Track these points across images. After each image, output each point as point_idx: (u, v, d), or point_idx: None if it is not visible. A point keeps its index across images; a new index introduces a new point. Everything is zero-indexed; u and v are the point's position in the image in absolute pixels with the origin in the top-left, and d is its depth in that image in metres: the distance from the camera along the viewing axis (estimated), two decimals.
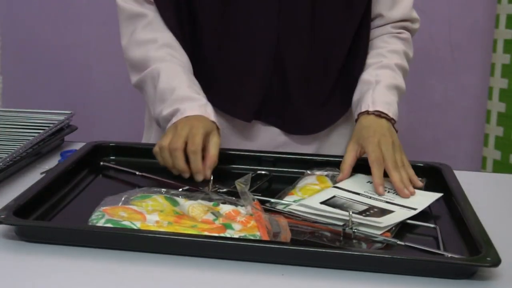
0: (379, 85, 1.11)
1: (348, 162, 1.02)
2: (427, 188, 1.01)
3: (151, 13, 1.14)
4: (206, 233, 0.80)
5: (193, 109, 1.05)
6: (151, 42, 1.12)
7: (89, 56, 2.32)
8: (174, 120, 1.05)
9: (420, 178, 1.01)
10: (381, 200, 0.93)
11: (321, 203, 0.90)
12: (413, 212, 0.89)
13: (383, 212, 0.88)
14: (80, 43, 2.31)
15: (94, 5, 2.26)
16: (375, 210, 0.89)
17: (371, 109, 1.07)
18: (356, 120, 1.09)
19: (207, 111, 1.06)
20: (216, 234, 0.80)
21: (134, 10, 1.14)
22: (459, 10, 2.23)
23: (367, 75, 1.14)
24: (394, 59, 1.16)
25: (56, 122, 1.21)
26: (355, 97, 1.15)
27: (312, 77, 1.16)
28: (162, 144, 1.02)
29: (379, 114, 1.07)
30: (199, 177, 1.01)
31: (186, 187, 0.98)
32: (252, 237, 0.80)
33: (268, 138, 1.18)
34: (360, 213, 0.87)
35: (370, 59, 1.17)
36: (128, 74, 1.16)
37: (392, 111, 1.09)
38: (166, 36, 1.13)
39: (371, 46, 1.19)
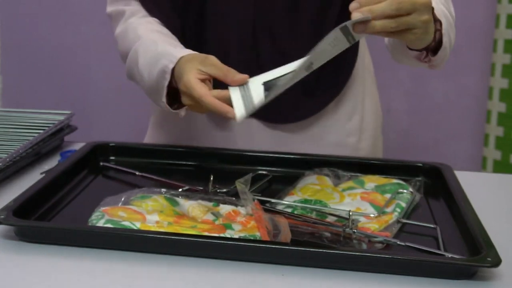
0: None
1: None
2: (427, 188, 1.01)
3: (131, 7, 1.13)
4: (206, 233, 0.80)
5: (172, 61, 0.96)
6: (132, 29, 1.10)
7: (88, 56, 2.32)
8: (165, 82, 0.97)
9: (418, 178, 1.01)
10: None
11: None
12: None
13: None
14: (80, 43, 2.31)
15: (94, 5, 2.26)
16: None
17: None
18: None
19: (182, 51, 0.98)
20: (216, 234, 0.80)
21: (118, 9, 1.15)
22: (459, 10, 2.22)
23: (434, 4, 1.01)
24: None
25: (56, 122, 1.21)
26: None
27: (294, 48, 1.10)
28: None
29: None
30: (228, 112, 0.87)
31: (186, 187, 0.98)
32: (252, 237, 0.80)
33: (252, 132, 1.16)
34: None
35: None
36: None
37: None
38: (146, 20, 1.11)
39: None
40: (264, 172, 1.06)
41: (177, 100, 1.01)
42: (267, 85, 0.87)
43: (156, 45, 1.03)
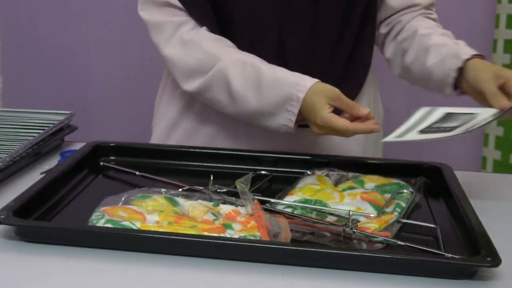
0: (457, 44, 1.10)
1: (494, 90, 0.98)
2: (427, 188, 1.01)
3: (176, 18, 1.12)
4: (206, 233, 0.80)
5: (301, 90, 1.02)
6: (194, 43, 1.09)
7: (88, 56, 2.32)
8: (292, 109, 1.02)
9: (418, 178, 1.01)
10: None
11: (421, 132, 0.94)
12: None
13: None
14: (80, 43, 2.31)
15: (94, 5, 2.26)
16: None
17: (474, 52, 1.06)
18: (460, 70, 1.05)
19: (305, 79, 1.04)
20: (216, 234, 0.80)
21: (163, 20, 1.12)
22: (459, 10, 2.23)
23: (438, 39, 1.12)
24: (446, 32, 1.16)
25: (56, 122, 1.21)
26: (432, 60, 1.10)
27: (315, 67, 1.15)
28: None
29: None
30: (374, 126, 0.99)
31: (186, 187, 0.98)
32: (252, 237, 0.80)
33: (272, 133, 1.17)
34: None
35: (422, 30, 1.15)
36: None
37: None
38: (202, 33, 1.11)
39: (407, 28, 1.19)
40: (264, 172, 1.06)
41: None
42: (423, 131, 0.96)
43: (259, 69, 1.05)
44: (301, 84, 1.02)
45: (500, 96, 0.98)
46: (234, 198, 0.91)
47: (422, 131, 0.96)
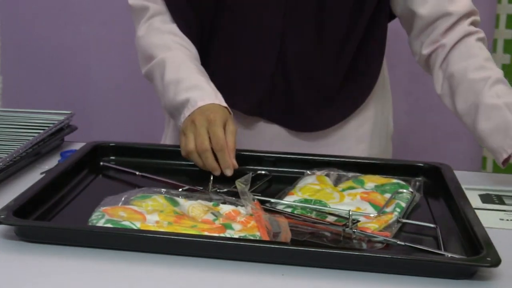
0: None
1: None
2: (427, 187, 1.01)
3: (156, 6, 1.15)
4: (206, 233, 0.80)
5: (204, 99, 1.04)
6: (158, 32, 1.14)
7: (88, 56, 2.32)
8: (186, 112, 1.04)
9: (418, 178, 1.01)
10: None
11: None
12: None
13: None
14: (80, 43, 2.31)
15: (94, 5, 2.26)
16: None
17: None
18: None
19: (218, 97, 1.05)
20: (216, 234, 0.80)
21: (142, 4, 1.16)
22: None
23: (489, 99, 1.04)
24: (496, 70, 1.08)
25: (56, 122, 1.21)
26: (484, 125, 1.05)
27: (317, 74, 1.15)
28: (189, 148, 1.01)
29: None
30: (229, 172, 1.00)
31: (186, 187, 0.98)
32: (252, 237, 0.80)
33: (272, 136, 1.18)
34: None
35: (472, 72, 1.07)
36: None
37: None
38: (171, 27, 1.14)
39: (452, 59, 1.11)
40: (264, 172, 1.06)
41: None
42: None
43: (189, 70, 1.08)
44: (203, 97, 1.04)
45: None
46: (234, 198, 0.91)
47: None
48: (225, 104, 1.05)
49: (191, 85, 1.06)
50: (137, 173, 1.04)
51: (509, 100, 1.03)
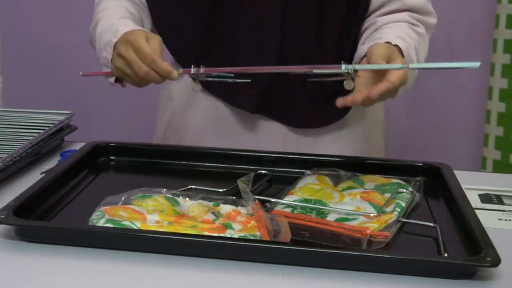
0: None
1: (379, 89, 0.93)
2: (427, 187, 1.01)
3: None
4: (206, 233, 0.80)
5: (127, 25, 1.07)
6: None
7: (88, 56, 2.31)
8: (113, 39, 1.06)
9: (418, 178, 1.01)
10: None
11: None
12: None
13: None
14: (80, 43, 2.31)
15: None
16: None
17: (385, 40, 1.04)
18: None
19: (129, 25, 1.08)
20: (216, 234, 0.80)
21: None
22: (459, 10, 2.23)
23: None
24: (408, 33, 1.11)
25: (56, 122, 1.21)
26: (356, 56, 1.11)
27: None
28: (137, 81, 1.02)
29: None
30: (174, 76, 1.00)
31: (186, 187, 0.98)
32: (252, 237, 0.80)
33: (272, 133, 1.18)
34: None
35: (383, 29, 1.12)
36: None
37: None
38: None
39: (382, 27, 1.14)
40: (264, 172, 1.06)
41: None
42: None
43: (110, 18, 1.13)
44: (119, 29, 1.06)
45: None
46: (234, 198, 0.91)
47: None
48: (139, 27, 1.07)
49: (115, 22, 1.10)
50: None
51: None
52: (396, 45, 1.03)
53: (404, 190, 0.97)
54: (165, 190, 0.93)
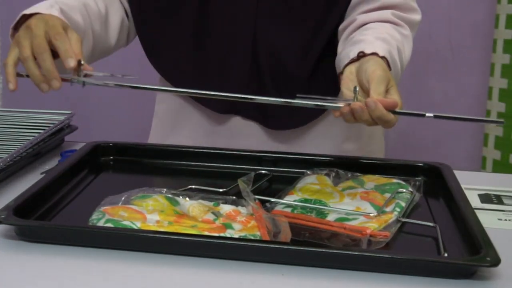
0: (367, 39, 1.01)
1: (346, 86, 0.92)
2: (427, 187, 1.01)
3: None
4: (206, 233, 0.80)
5: (31, 9, 0.97)
6: None
7: None
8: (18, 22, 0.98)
9: (418, 178, 1.01)
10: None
11: None
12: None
13: None
14: None
15: None
16: None
17: (367, 51, 0.97)
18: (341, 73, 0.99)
19: (52, 11, 0.98)
20: (216, 234, 0.80)
21: None
22: (459, 10, 2.23)
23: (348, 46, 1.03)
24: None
25: (56, 122, 1.21)
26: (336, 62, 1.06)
27: (288, 69, 1.14)
28: (25, 54, 0.91)
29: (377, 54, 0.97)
30: (72, 62, 0.91)
31: (187, 187, 0.98)
32: (252, 237, 0.80)
33: (250, 134, 1.18)
34: None
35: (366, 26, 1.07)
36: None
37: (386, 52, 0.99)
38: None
39: (363, 28, 1.08)
40: (264, 172, 1.06)
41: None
42: None
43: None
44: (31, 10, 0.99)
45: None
46: (234, 198, 0.91)
47: None
48: (61, 17, 0.99)
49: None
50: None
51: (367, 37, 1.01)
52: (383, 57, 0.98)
53: (404, 190, 0.97)
54: (165, 190, 0.93)
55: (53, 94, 2.48)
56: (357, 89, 0.89)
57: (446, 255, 0.78)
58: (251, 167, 1.08)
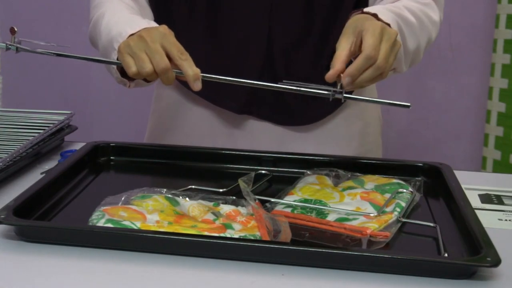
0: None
1: (341, 57, 0.91)
2: (427, 187, 1.01)
3: None
4: (206, 233, 0.80)
5: (133, 27, 0.97)
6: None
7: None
8: (115, 45, 0.98)
9: (418, 178, 1.01)
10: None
11: None
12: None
13: None
14: (80, 43, 2.31)
15: None
16: None
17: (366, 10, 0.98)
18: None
19: (151, 23, 0.99)
20: (216, 234, 0.80)
21: None
22: (459, 10, 2.23)
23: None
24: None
25: (56, 122, 1.21)
26: None
27: (302, 68, 1.15)
28: (147, 71, 0.91)
29: (376, 15, 0.97)
30: (200, 85, 0.93)
31: (186, 187, 0.98)
32: (252, 237, 0.80)
33: (263, 133, 1.18)
34: None
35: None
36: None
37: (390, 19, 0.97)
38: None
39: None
40: (264, 172, 1.06)
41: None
42: None
43: (121, 12, 1.08)
44: (122, 34, 0.98)
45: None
46: (234, 198, 0.91)
47: None
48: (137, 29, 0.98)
49: (123, 20, 1.02)
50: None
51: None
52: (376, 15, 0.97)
53: (404, 190, 0.97)
54: (165, 190, 0.93)
55: (53, 94, 2.49)
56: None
57: (446, 255, 0.78)
58: (251, 167, 1.08)
